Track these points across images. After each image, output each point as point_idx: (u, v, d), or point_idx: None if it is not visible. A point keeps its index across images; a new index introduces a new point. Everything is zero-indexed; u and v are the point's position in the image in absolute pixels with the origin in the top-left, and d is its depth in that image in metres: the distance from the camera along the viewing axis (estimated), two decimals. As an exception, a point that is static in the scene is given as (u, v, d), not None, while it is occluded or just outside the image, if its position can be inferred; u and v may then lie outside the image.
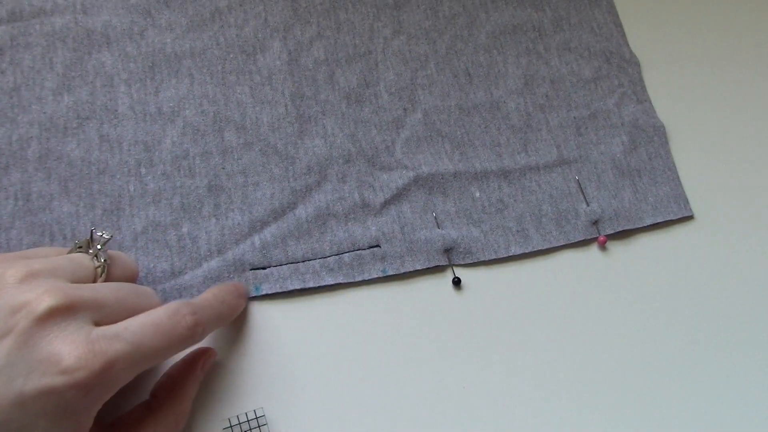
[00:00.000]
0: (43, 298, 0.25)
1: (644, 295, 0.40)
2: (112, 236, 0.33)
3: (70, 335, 0.25)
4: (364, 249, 0.39)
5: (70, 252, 0.32)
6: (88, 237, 0.32)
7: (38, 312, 0.25)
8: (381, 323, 0.38)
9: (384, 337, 0.38)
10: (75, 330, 0.25)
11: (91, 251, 0.31)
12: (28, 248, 0.37)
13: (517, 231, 0.40)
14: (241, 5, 0.44)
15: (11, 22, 0.42)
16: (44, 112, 0.40)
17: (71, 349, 0.25)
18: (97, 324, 0.26)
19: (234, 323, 0.37)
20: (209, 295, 0.34)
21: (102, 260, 0.31)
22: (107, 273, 0.31)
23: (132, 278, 0.34)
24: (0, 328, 0.25)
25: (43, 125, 0.40)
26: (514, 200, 0.41)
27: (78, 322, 0.26)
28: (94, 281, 0.30)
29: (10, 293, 0.26)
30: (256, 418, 0.35)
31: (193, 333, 0.29)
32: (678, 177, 0.43)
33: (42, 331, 0.25)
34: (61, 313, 0.25)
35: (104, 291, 0.28)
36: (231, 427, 0.34)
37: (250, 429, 0.35)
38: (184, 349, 0.30)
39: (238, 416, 0.35)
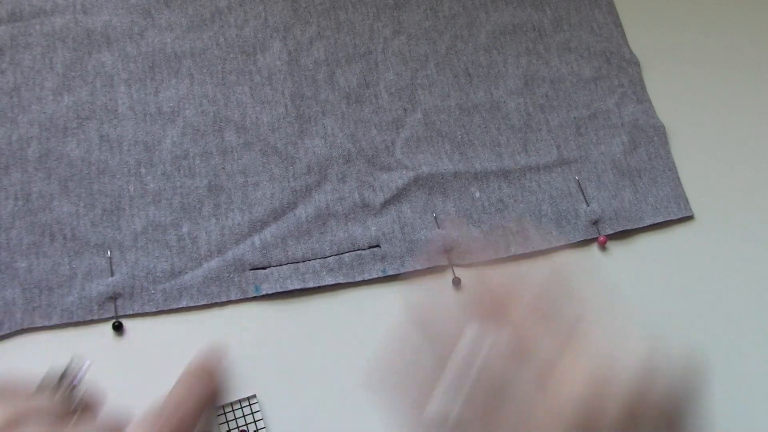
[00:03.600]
0: None
1: (644, 295, 0.40)
2: (90, 365, 0.30)
3: None
4: (364, 249, 0.39)
5: (41, 386, 0.29)
6: (61, 371, 0.29)
7: None
8: (381, 323, 0.38)
9: (384, 337, 0.37)
10: None
11: (62, 389, 0.28)
12: (28, 248, 0.37)
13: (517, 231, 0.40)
14: (241, 5, 0.44)
15: (11, 22, 0.42)
16: (44, 112, 0.40)
17: None
18: None
19: (234, 323, 0.37)
20: (170, 399, 0.27)
21: (77, 400, 0.28)
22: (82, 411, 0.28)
23: (99, 407, 0.30)
24: None
25: (43, 125, 0.40)
26: (514, 200, 0.41)
27: None
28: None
29: None
30: (250, 404, 0.35)
31: None
32: (678, 177, 0.43)
33: None
34: None
35: None
36: (225, 414, 0.35)
37: (245, 417, 0.35)
38: None
39: (231, 403, 0.35)
